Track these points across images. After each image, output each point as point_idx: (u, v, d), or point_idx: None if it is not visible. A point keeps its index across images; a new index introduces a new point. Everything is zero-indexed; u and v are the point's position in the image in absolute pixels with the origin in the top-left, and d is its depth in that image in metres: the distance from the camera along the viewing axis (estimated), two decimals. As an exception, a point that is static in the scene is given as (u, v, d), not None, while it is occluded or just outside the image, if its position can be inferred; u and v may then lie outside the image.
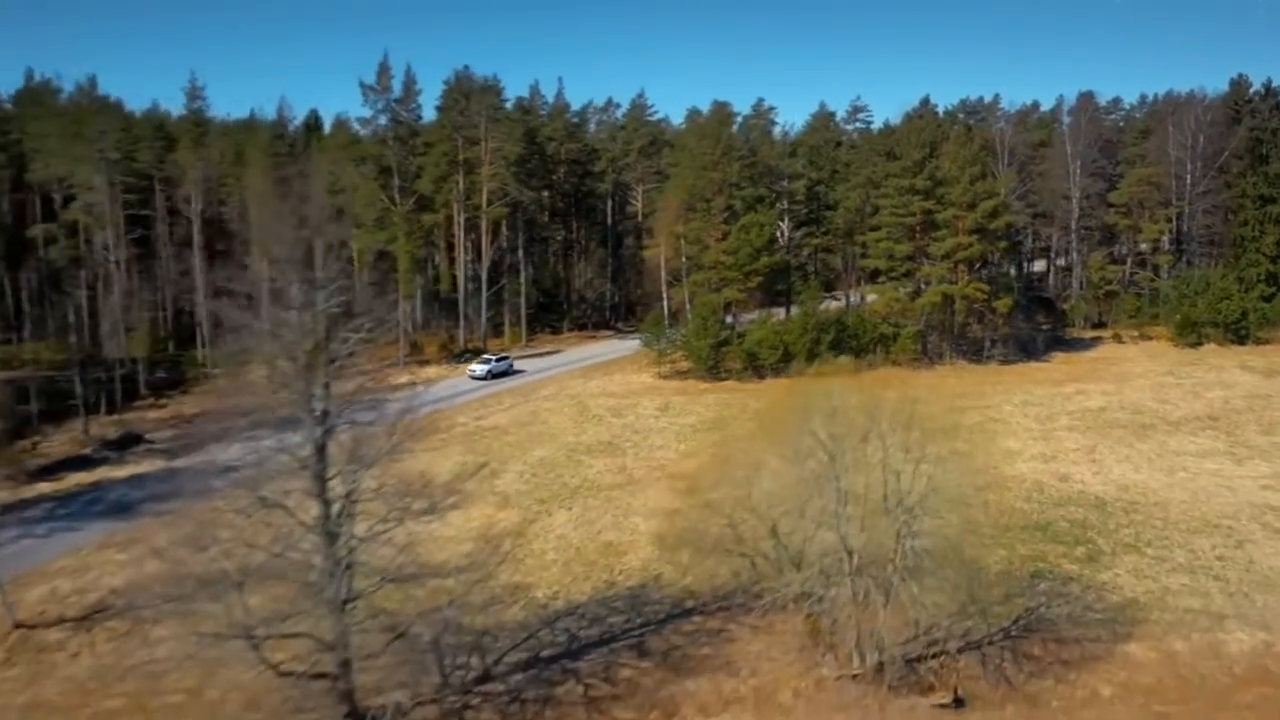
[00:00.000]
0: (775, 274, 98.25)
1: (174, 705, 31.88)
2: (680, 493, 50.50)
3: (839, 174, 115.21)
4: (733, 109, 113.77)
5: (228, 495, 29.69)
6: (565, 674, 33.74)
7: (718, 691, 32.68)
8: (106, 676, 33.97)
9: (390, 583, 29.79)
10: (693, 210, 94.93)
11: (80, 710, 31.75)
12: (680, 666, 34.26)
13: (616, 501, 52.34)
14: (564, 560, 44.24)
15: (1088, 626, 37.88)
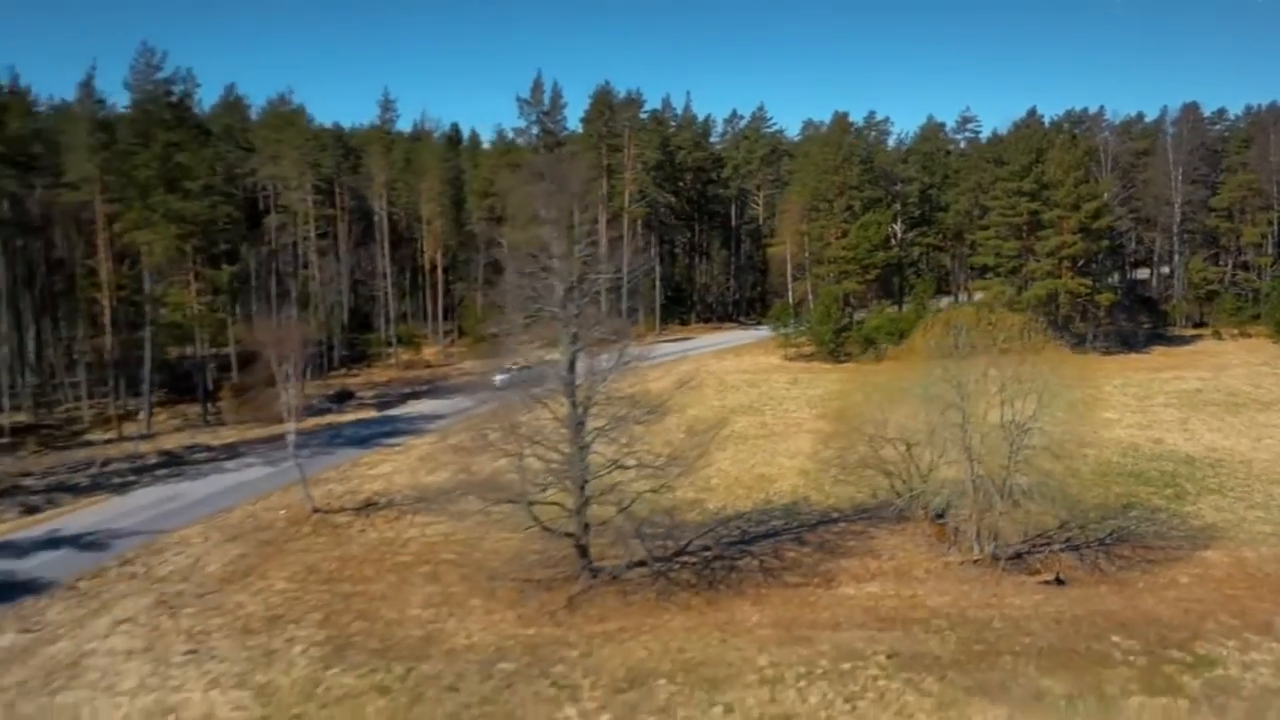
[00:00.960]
0: (889, 270, 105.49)
1: (450, 560, 41.37)
2: (818, 439, 58.62)
3: (949, 179, 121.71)
4: (851, 119, 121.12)
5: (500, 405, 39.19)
6: (742, 553, 42.15)
7: (865, 568, 40.69)
8: (392, 543, 43.73)
9: (615, 468, 38.72)
10: (815, 211, 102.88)
11: (381, 562, 41.43)
12: (833, 551, 42.36)
13: (763, 447, 60.65)
14: (726, 485, 52.67)
15: (1171, 540, 44.70)
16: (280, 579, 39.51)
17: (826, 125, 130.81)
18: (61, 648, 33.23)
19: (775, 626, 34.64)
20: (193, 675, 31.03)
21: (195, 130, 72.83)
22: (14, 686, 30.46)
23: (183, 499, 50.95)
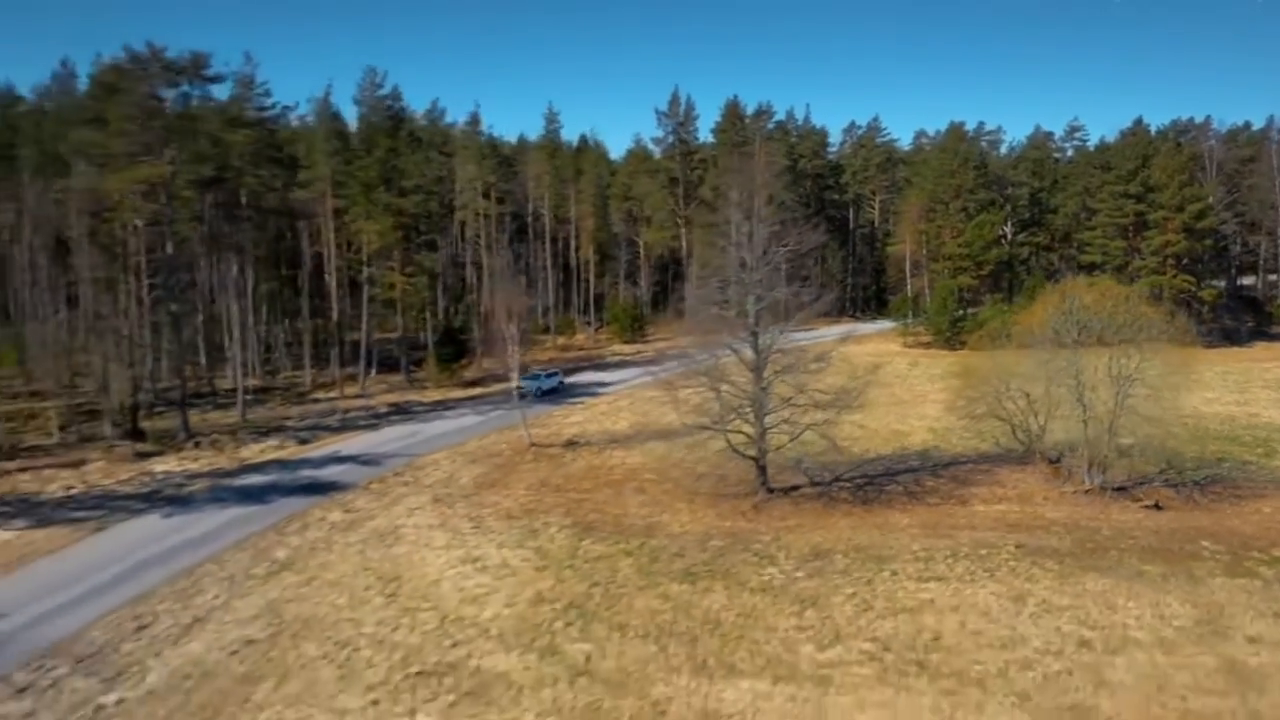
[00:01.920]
0: (1001, 267, 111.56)
1: (651, 479, 50.40)
2: (942, 407, 66.16)
3: (1058, 184, 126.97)
4: (966, 127, 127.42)
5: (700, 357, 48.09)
6: (888, 482, 50.19)
7: (992, 494, 48.30)
8: (600, 468, 52.99)
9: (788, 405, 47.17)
10: (932, 212, 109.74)
11: (596, 479, 50.67)
12: (964, 483, 50.03)
13: (894, 411, 68.37)
14: (866, 437, 60.56)
15: (1258, 482, 51.03)
16: (520, 488, 49.04)
17: (938, 135, 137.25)
18: (379, 522, 43.26)
19: (922, 527, 42.68)
20: (482, 540, 40.59)
21: (409, 138, 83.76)
22: (359, 542, 40.47)
23: (421, 435, 61.20)
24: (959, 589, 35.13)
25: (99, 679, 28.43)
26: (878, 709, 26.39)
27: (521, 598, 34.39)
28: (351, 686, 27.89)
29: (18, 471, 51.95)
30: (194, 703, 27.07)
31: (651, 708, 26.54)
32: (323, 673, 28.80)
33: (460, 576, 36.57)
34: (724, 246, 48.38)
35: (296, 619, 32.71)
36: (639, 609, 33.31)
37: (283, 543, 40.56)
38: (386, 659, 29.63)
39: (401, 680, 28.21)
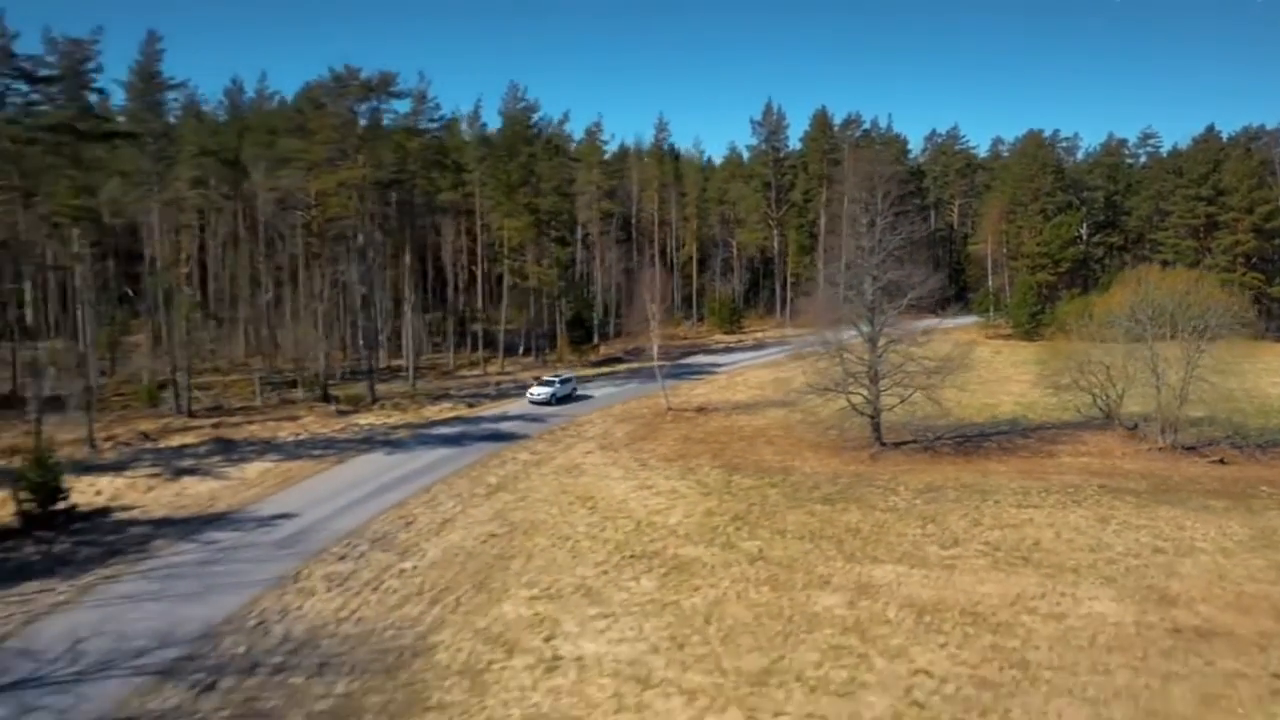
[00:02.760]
0: (1077, 265, 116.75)
1: (777, 436, 57.82)
2: (1026, 384, 72.59)
3: (1132, 187, 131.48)
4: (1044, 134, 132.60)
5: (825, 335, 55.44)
6: (983, 440, 56.99)
7: (1075, 450, 54.82)
8: (730, 428, 60.59)
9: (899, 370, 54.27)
10: (1013, 213, 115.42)
11: (730, 435, 58.27)
12: (1050, 442, 56.55)
13: (982, 389, 74.51)
14: (959, 409, 66.89)
15: (1318, 447, 56.89)
16: (668, 441, 56.90)
17: (1016, 141, 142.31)
18: (561, 460, 51.50)
19: (1017, 472, 49.54)
20: (650, 474, 48.54)
21: (545, 145, 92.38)
22: (551, 473, 48.71)
23: (571, 402, 69.48)
24: (1052, 513, 42.08)
25: (393, 553, 36.89)
26: (994, 584, 33.57)
27: (695, 512, 42.20)
28: (582, 564, 35.89)
29: (245, 423, 61.20)
30: (468, 570, 35.31)
31: (818, 579, 34.08)
32: (557, 555, 36.88)
33: (641, 498, 44.52)
34: (853, 234, 55.49)
35: (523, 522, 40.92)
36: (791, 521, 40.88)
37: (490, 473, 48.96)
38: (602, 548, 37.61)
39: (619, 560, 36.15)
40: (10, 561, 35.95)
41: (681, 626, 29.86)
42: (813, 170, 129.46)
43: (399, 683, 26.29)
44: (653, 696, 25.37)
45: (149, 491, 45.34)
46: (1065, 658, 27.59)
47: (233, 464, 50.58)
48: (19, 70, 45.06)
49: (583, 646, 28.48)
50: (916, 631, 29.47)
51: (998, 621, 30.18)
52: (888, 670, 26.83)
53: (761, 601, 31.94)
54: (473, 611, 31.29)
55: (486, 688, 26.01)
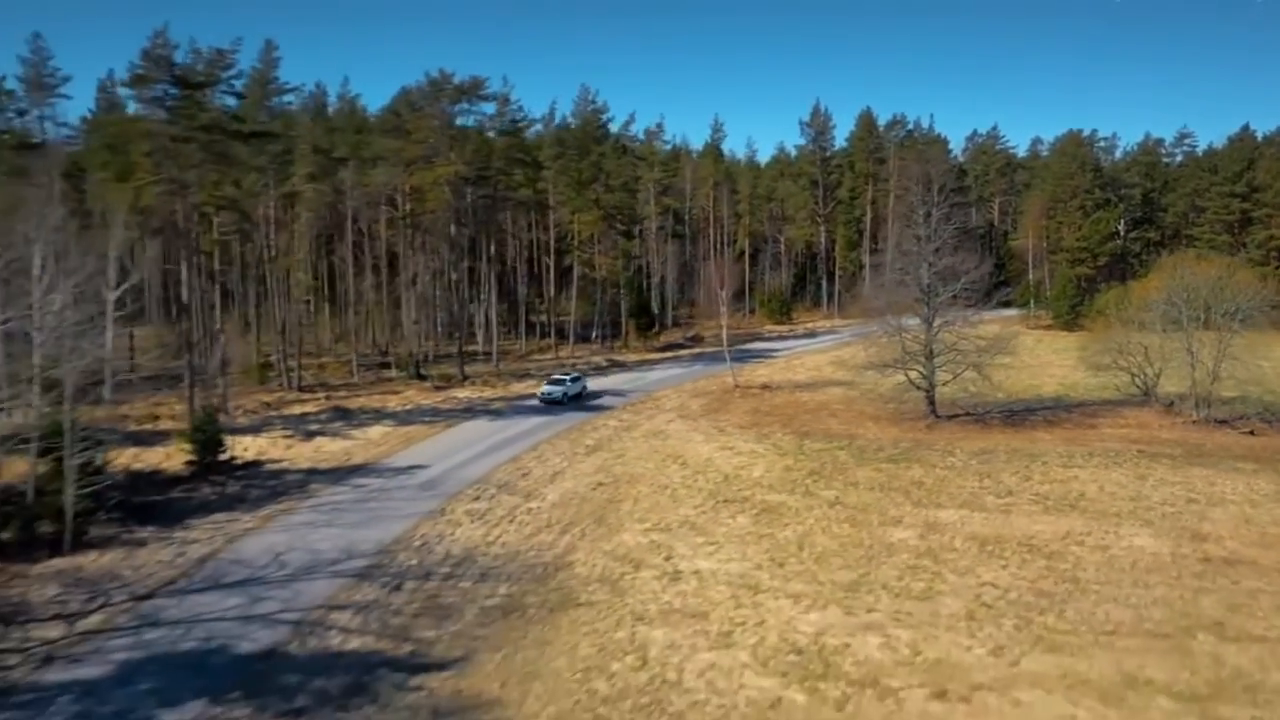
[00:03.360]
0: (1115, 260, 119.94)
1: (839, 409, 62.36)
2: (1068, 367, 76.58)
3: (1168, 185, 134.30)
4: (1083, 133, 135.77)
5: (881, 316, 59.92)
6: (1029, 415, 61.14)
7: (1115, 423, 58.83)
8: (794, 403, 65.21)
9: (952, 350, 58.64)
10: (1053, 210, 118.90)
11: (795, 408, 62.88)
12: (1092, 416, 60.56)
13: (1026, 373, 78.44)
14: (1006, 388, 71.24)
15: (1342, 423, 60.46)
16: (739, 412, 61.66)
17: (1055, 141, 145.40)
18: (647, 427, 56.44)
19: (1062, 440, 53.74)
20: (729, 438, 53.34)
21: (614, 144, 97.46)
22: (640, 437, 53.67)
23: (643, 380, 74.45)
24: (1096, 471, 46.38)
25: (518, 496, 42.01)
26: (1045, 524, 38.01)
27: (775, 468, 46.97)
28: (682, 506, 40.78)
29: (353, 396, 66.71)
30: (584, 510, 40.31)
31: (891, 519, 38.73)
32: (659, 499, 41.80)
33: (724, 457, 49.36)
34: (909, 225, 59.96)
35: (623, 475, 45.90)
36: (861, 476, 45.52)
37: (585, 436, 54.03)
38: (698, 494, 42.48)
39: (715, 504, 40.99)
40: (194, 500, 41.48)
41: (778, 552, 34.66)
42: (859, 169, 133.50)
43: (549, 587, 31.33)
44: (763, 598, 30.20)
45: (289, 449, 50.83)
46: (1110, 576, 32.08)
47: (355, 428, 56.03)
48: (177, 77, 50.68)
49: (697, 564, 33.38)
50: (980, 556, 34.07)
51: (1050, 550, 34.69)
52: (958, 582, 31.48)
53: (844, 535, 36.66)
54: (598, 539, 36.30)
55: (624, 591, 30.97)
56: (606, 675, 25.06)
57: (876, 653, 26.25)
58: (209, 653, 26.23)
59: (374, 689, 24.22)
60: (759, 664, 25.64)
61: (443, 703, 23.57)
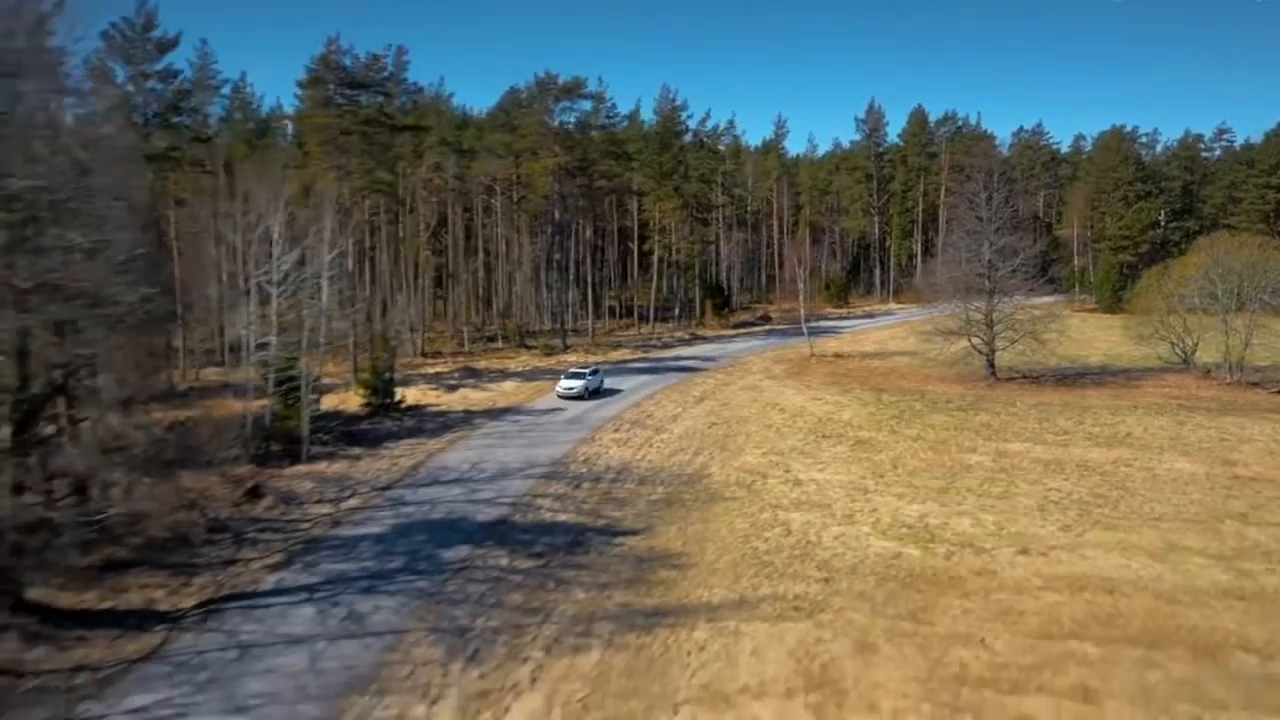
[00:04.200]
0: (1155, 249, 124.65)
1: (906, 373, 68.81)
2: (1113, 342, 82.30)
3: (1206, 178, 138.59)
4: (1126, 128, 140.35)
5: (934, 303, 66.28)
6: (1078, 378, 67.17)
7: (1157, 385, 64.63)
8: (866, 367, 71.69)
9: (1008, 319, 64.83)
10: (1096, 201, 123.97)
11: (868, 372, 69.35)
12: (1135, 379, 66.41)
13: (1072, 345, 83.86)
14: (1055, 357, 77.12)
15: (1363, 386, 65.85)
16: (819, 373, 68.35)
17: (1096, 137, 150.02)
18: (741, 383, 63.34)
19: (1109, 396, 59.83)
20: (816, 392, 60.07)
21: (693, 139, 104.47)
22: (738, 390, 60.63)
23: (727, 350, 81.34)
24: (1140, 418, 52.54)
25: (649, 430, 49.12)
26: (1098, 453, 44.33)
27: (861, 414, 53.68)
28: (788, 439, 47.62)
29: (476, 360, 74.23)
30: (707, 440, 47.26)
31: (966, 448, 45.29)
32: (767, 434, 48.68)
33: (815, 405, 56.14)
34: (971, 208, 66.30)
35: (732, 417, 52.86)
36: (935, 421, 52.08)
37: (691, 390, 61.08)
38: (799, 431, 49.31)
39: (815, 438, 47.77)
40: (380, 431, 49.05)
41: (876, 469, 41.45)
42: (911, 163, 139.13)
43: (697, 489, 38.38)
44: (872, 496, 37.04)
45: (439, 398, 58.38)
46: (1154, 487, 38.49)
47: (488, 384, 63.50)
48: (347, 79, 58.35)
49: (812, 475, 40.29)
50: (1045, 473, 40.60)
51: (1103, 470, 41.14)
52: (1029, 488, 38.08)
53: (929, 458, 43.36)
54: (725, 459, 43.33)
55: (757, 491, 37.95)
56: (761, 539, 32.04)
57: (969, 528, 33.00)
58: (456, 520, 33.64)
59: (587, 545, 31.41)
60: (879, 533, 32.51)
61: (641, 554, 30.66)
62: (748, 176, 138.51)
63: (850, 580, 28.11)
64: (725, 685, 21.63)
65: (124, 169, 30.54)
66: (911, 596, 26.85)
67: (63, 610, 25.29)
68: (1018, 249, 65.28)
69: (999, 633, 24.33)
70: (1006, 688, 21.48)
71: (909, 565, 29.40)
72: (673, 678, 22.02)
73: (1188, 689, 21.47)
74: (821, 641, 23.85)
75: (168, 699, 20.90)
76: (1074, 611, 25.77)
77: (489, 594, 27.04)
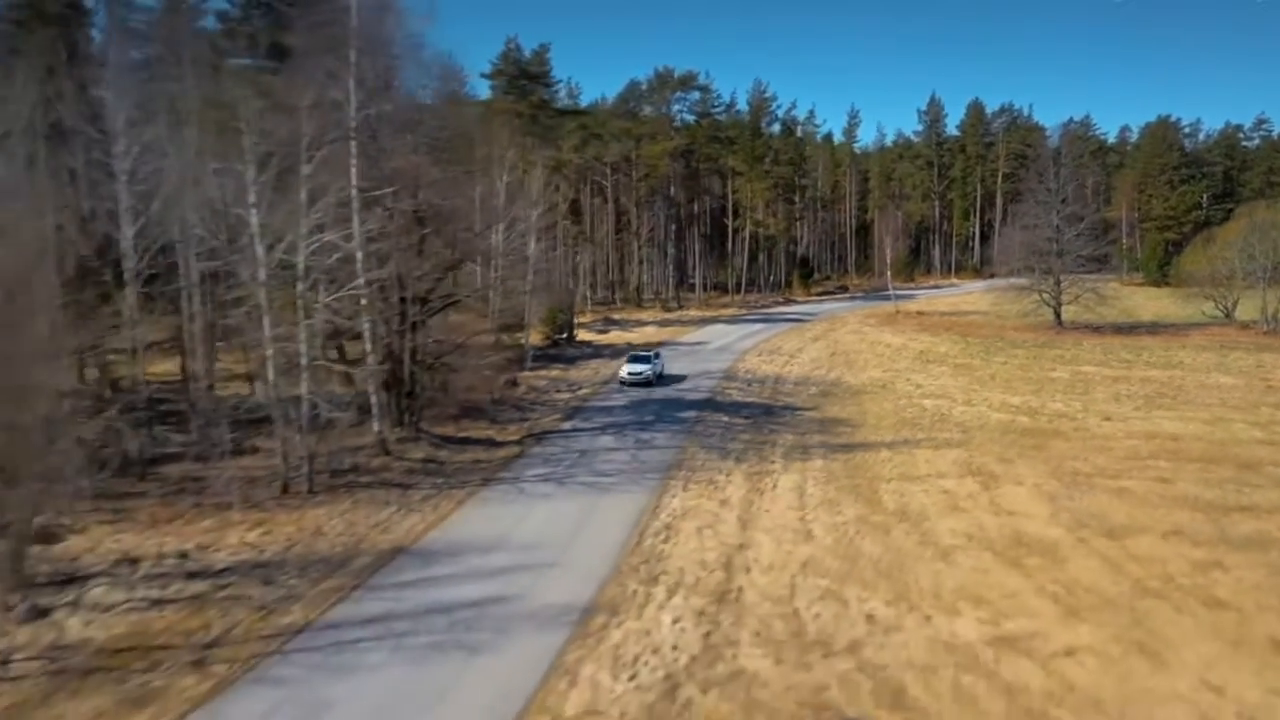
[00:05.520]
0: (1198, 229, 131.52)
1: (981, 323, 77.72)
2: (1161, 306, 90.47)
3: (1246, 163, 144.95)
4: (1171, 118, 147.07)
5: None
6: (1132, 330, 75.56)
7: (1203, 334, 72.41)
8: (946, 320, 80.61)
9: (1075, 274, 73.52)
10: (1143, 185, 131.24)
11: (948, 323, 78.39)
12: (1183, 331, 74.29)
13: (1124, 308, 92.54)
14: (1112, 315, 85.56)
15: (1384, 337, 73.61)
16: (908, 324, 77.40)
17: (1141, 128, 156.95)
18: (844, 330, 72.80)
19: (1161, 341, 68.23)
20: (910, 335, 69.29)
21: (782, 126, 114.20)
22: (845, 333, 70.09)
23: (820, 310, 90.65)
24: (1189, 353, 61.16)
25: (783, 357, 58.78)
26: (1156, 373, 53.19)
27: (954, 349, 62.91)
28: (898, 363, 56.93)
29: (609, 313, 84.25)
30: (834, 362, 56.77)
31: (1048, 369, 54.37)
32: (881, 359, 58.08)
33: (913, 343, 65.42)
34: (1037, 183, 75.03)
35: (846, 350, 62.34)
36: (1016, 354, 61.11)
37: (803, 334, 70.66)
38: (907, 358, 58.64)
39: (922, 363, 57.10)
40: (567, 355, 59.26)
41: (978, 380, 50.75)
42: (970, 151, 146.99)
43: (841, 388, 48.01)
44: (980, 392, 46.40)
45: (596, 337, 68.52)
46: (1204, 390, 47.37)
47: (630, 329, 73.52)
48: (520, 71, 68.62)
49: (929, 382, 49.76)
50: (1115, 383, 49.65)
51: (1162, 381, 50.05)
52: (1104, 390, 47.21)
53: (1019, 374, 52.59)
54: (854, 373, 52.90)
55: (891, 389, 47.50)
56: (905, 413, 41.60)
57: (1062, 408, 42.29)
58: (673, 399, 43.69)
59: (778, 414, 41.23)
60: (993, 410, 41.97)
61: (820, 419, 40.38)
62: (818, 164, 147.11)
63: (981, 433, 37.57)
64: (913, 472, 31.30)
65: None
66: (1029, 440, 36.29)
67: (445, 435, 35.66)
68: (1081, 215, 73.78)
69: (1097, 457, 33.70)
70: (1108, 476, 30.87)
71: (1022, 425, 38.85)
72: (875, 469, 31.72)
73: (1232, 481, 30.64)
74: (972, 457, 33.39)
75: (550, 473, 31.03)
76: (1149, 449, 34.99)
77: (726, 434, 37.01)
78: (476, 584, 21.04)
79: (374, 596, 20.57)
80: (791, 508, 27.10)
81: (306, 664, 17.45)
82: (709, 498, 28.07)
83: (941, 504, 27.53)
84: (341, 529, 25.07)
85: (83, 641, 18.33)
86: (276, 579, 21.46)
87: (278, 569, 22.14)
